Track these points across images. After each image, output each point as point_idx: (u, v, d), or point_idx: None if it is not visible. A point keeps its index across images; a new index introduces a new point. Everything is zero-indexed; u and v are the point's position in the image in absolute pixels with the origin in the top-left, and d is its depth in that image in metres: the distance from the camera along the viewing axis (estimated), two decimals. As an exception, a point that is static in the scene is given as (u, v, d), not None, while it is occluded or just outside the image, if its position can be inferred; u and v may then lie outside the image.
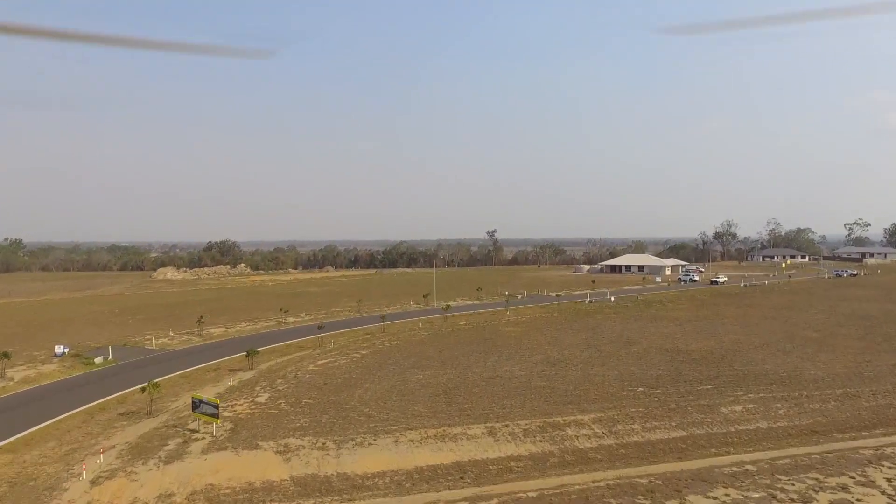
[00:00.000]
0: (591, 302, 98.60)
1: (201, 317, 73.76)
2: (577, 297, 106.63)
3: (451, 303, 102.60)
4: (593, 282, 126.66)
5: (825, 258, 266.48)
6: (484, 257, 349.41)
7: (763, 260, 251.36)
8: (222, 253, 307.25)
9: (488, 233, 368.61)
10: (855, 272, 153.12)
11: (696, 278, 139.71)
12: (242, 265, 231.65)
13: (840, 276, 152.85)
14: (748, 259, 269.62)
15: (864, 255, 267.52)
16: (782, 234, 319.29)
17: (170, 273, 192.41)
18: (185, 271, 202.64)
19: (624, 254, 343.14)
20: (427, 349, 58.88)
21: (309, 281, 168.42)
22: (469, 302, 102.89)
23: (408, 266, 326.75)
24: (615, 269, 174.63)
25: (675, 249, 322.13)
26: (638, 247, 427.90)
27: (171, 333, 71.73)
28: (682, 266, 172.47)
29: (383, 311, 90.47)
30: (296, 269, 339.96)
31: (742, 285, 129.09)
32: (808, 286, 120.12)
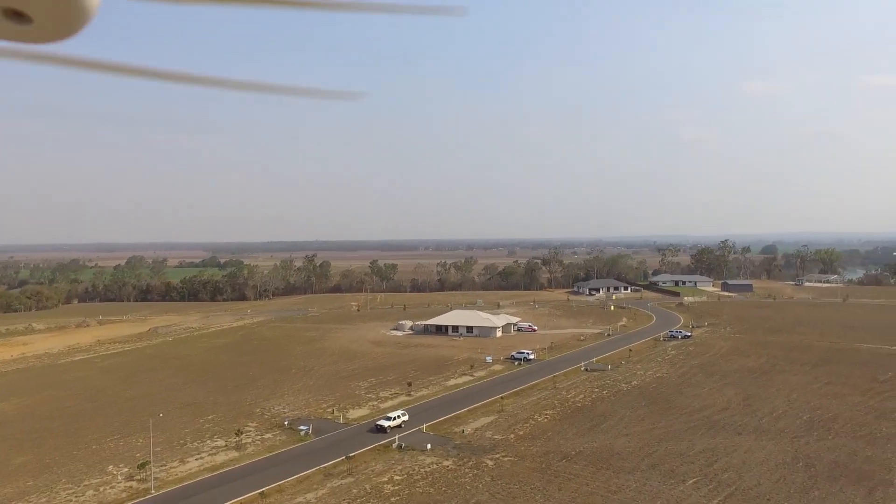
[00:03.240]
0: (401, 447, 68.28)
1: None
2: (370, 427, 75.64)
3: (189, 461, 66.24)
4: (409, 384, 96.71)
5: (645, 287, 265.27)
6: (304, 283, 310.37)
7: (590, 293, 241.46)
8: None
9: (307, 257, 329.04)
10: (689, 333, 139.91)
11: (532, 357, 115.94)
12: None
13: (675, 337, 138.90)
14: (575, 290, 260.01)
15: (677, 282, 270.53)
16: (604, 259, 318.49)
17: None
18: None
19: (453, 276, 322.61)
20: None
21: (22, 370, 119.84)
22: (205, 458, 67.18)
23: (213, 297, 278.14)
24: (441, 329, 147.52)
25: (504, 276, 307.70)
26: (466, 265, 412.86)
27: None
28: (514, 325, 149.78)
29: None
30: (68, 302, 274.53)
31: (583, 369, 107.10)
32: (658, 379, 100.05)
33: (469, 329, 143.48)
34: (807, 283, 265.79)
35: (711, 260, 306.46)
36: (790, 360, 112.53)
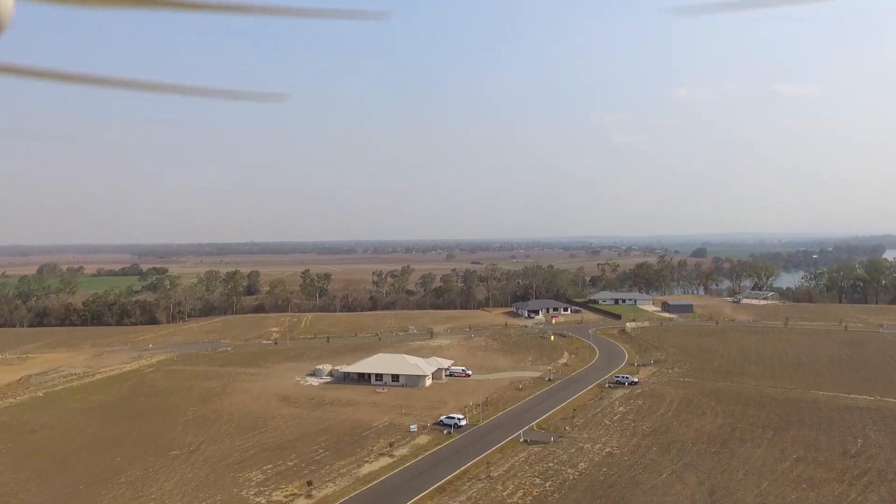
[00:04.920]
0: None
1: None
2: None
3: None
4: (310, 482, 77.58)
5: (584, 305, 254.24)
6: (224, 303, 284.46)
7: (529, 316, 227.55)
8: None
9: (227, 275, 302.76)
10: (636, 380, 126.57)
11: (463, 422, 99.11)
12: None
13: (621, 383, 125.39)
14: (514, 310, 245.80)
15: (617, 300, 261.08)
16: (542, 274, 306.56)
17: None
18: None
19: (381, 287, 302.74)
20: None
21: None
22: None
23: (119, 320, 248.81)
24: (363, 377, 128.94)
25: (438, 293, 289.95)
26: (400, 279, 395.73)
27: None
28: (446, 369, 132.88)
29: None
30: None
31: (522, 440, 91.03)
32: (608, 457, 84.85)
33: (395, 377, 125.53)
34: (744, 300, 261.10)
35: (650, 275, 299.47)
36: (748, 420, 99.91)
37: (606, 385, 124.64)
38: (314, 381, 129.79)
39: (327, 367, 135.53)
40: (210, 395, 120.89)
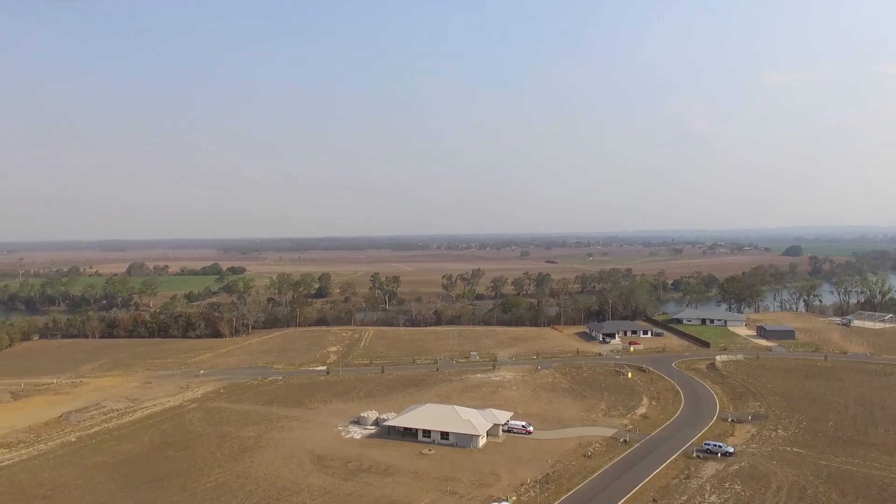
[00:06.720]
0: None
1: None
2: None
3: None
4: None
5: (666, 325, 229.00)
6: (288, 315, 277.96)
7: (604, 340, 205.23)
8: None
9: (292, 284, 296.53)
10: (731, 450, 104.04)
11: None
12: None
13: (712, 453, 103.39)
14: (588, 332, 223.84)
15: (703, 320, 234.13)
16: (620, 288, 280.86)
17: None
18: None
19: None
20: None
21: None
22: None
23: (184, 333, 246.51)
24: (409, 432, 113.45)
25: (506, 308, 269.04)
26: (471, 282, 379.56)
27: None
28: (504, 424, 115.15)
29: None
30: (27, 339, 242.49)
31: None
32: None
33: (444, 435, 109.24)
34: (855, 322, 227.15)
35: (740, 289, 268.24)
36: (888, 530, 76.63)
37: (694, 454, 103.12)
38: (356, 433, 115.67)
39: (372, 415, 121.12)
40: (242, 448, 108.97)
